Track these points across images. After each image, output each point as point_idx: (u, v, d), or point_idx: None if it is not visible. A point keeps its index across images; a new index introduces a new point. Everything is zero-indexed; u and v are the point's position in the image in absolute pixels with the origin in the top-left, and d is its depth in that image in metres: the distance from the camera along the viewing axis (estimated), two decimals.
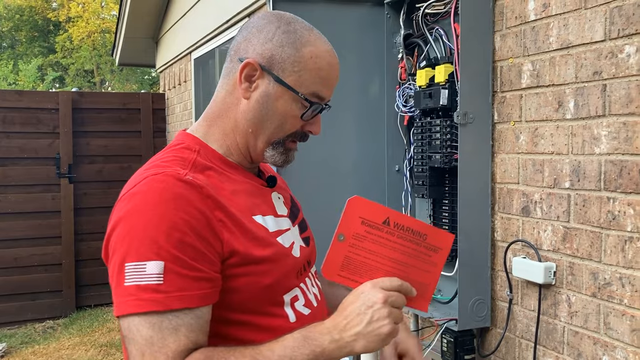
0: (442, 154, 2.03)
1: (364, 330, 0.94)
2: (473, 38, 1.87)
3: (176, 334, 0.91)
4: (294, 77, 1.07)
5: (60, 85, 22.21)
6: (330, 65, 1.11)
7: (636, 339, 1.46)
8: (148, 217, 0.94)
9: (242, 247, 1.00)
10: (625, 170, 1.48)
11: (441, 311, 2.13)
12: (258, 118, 1.09)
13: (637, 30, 1.43)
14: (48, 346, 5.12)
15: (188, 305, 0.92)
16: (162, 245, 0.92)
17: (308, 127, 1.12)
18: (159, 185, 0.97)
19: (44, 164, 5.84)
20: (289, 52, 1.08)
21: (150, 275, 0.91)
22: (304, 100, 1.08)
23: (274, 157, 1.12)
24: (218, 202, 1.00)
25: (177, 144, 1.12)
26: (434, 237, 1.04)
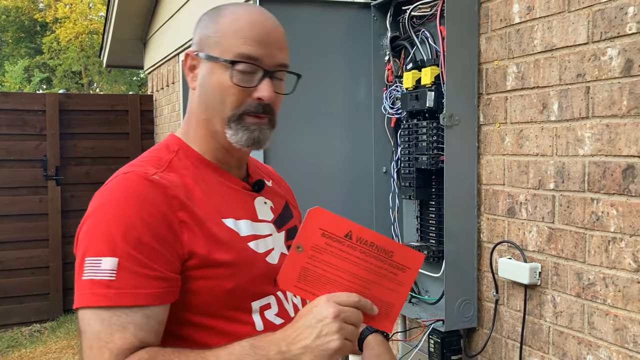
0: (428, 156, 2.04)
1: (311, 344, 0.92)
2: (459, 40, 1.88)
3: (123, 331, 0.92)
4: (218, 47, 1.08)
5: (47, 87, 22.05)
6: (252, 22, 1.09)
7: (619, 339, 1.48)
8: (110, 215, 0.97)
9: (202, 249, 1.00)
10: (608, 171, 1.50)
11: (428, 312, 2.14)
12: (204, 101, 1.11)
13: (619, 33, 1.45)
14: (35, 350, 5.08)
15: (139, 303, 0.93)
16: (118, 243, 0.94)
17: (256, 93, 1.08)
18: (125, 184, 1.00)
19: (30, 166, 5.80)
20: (210, 28, 1.11)
21: (104, 271, 0.93)
22: (229, 64, 1.07)
23: (235, 136, 1.09)
24: (183, 203, 1.01)
25: (160, 144, 1.14)
26: (401, 256, 0.99)
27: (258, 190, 1.20)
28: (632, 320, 1.44)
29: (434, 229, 2.13)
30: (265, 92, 1.08)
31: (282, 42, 1.12)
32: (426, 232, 2.19)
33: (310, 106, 2.25)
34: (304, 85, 2.21)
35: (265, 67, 1.08)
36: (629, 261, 1.45)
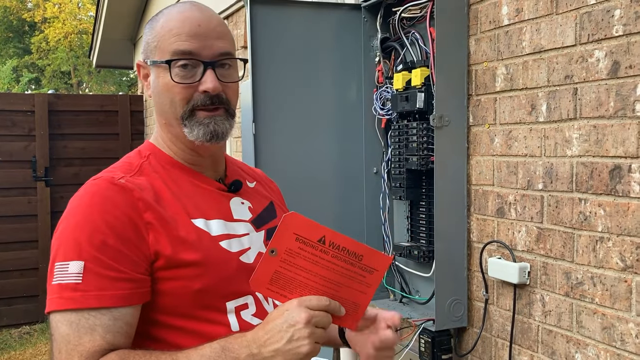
0: (418, 157, 2.05)
1: (283, 348, 0.93)
2: (448, 42, 1.90)
3: (92, 333, 0.93)
4: (157, 51, 1.11)
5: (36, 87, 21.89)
6: (183, 19, 1.09)
7: (607, 337, 1.50)
8: (76, 220, 0.99)
9: (168, 249, 1.01)
10: (595, 172, 1.52)
11: (419, 312, 2.15)
12: (158, 105, 1.14)
13: (605, 35, 1.47)
14: (24, 352, 5.05)
15: (105, 305, 0.95)
16: (84, 246, 0.96)
17: (201, 87, 1.09)
18: (92, 189, 1.03)
19: (19, 167, 5.76)
20: (149, 34, 1.13)
21: (71, 275, 0.95)
22: (166, 65, 1.09)
23: (192, 133, 1.10)
24: (150, 205, 1.03)
25: (133, 151, 1.18)
26: (370, 259, 1.02)
27: (235, 191, 1.20)
28: (620, 318, 1.46)
29: (424, 229, 2.15)
30: (209, 83, 1.09)
31: (219, 33, 1.12)
32: (416, 233, 2.20)
33: (300, 107, 2.26)
34: (295, 86, 2.24)
35: (204, 59, 1.09)
36: (616, 260, 1.47)
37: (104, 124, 6.20)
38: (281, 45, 2.21)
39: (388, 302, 2.32)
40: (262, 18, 2.16)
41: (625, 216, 1.44)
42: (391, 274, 2.32)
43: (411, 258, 2.16)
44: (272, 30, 2.19)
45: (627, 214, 1.44)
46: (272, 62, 2.18)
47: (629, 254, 1.43)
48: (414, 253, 2.13)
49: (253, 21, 2.14)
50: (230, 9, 3.92)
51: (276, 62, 2.19)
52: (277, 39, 2.20)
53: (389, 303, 2.31)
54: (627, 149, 1.43)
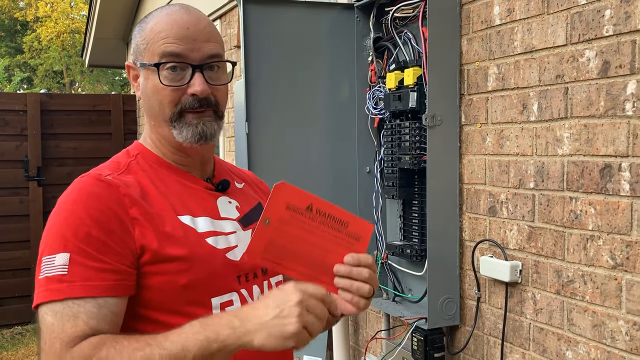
0: (411, 156, 2.06)
1: (269, 322, 0.91)
2: (441, 42, 1.91)
3: (75, 320, 0.94)
4: (147, 53, 1.12)
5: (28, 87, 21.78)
6: (171, 22, 1.10)
7: (597, 334, 1.51)
8: (62, 215, 1.01)
9: (154, 244, 1.03)
10: (586, 170, 1.53)
11: (411, 310, 2.16)
12: (147, 107, 1.15)
13: (596, 35, 1.48)
14: (16, 352, 5.03)
15: (90, 294, 0.96)
16: (69, 239, 0.98)
17: (190, 89, 1.10)
18: (78, 186, 1.05)
19: (11, 166, 5.74)
20: (139, 36, 1.14)
21: (57, 267, 0.96)
22: (153, 67, 1.10)
23: (181, 134, 1.11)
24: (135, 201, 1.04)
25: (122, 151, 1.19)
26: (355, 226, 1.06)
27: (222, 190, 1.21)
28: (610, 316, 1.48)
29: (417, 228, 2.16)
30: (198, 86, 1.10)
31: (208, 34, 1.12)
32: (409, 231, 2.21)
33: (293, 106, 2.26)
34: (288, 85, 2.24)
35: (192, 61, 1.10)
36: (606, 258, 1.48)
37: (97, 123, 6.18)
38: (274, 45, 2.21)
39: (381, 301, 2.33)
40: (255, 17, 2.17)
41: (615, 215, 1.45)
42: (384, 272, 2.33)
43: (404, 257, 2.17)
44: (265, 30, 2.19)
45: (617, 212, 1.45)
46: (265, 61, 2.18)
47: (619, 252, 1.45)
48: (407, 252, 2.14)
49: (246, 20, 2.14)
50: (223, 8, 3.92)
51: (269, 62, 2.19)
52: (270, 39, 2.20)
53: (382, 302, 2.32)
54: (617, 148, 1.44)
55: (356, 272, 1.04)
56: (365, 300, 1.05)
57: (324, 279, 1.04)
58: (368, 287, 1.04)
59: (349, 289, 1.04)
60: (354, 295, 1.04)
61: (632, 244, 1.41)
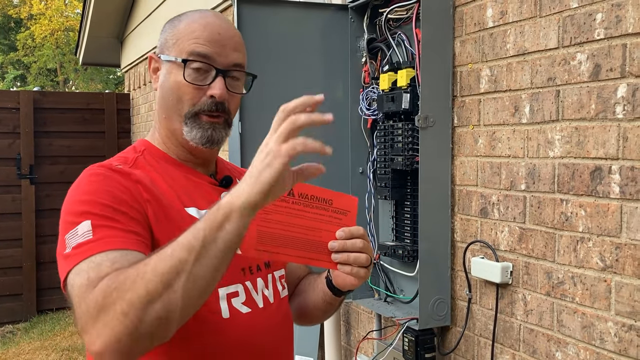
0: (403, 157, 2.07)
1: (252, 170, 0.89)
2: (434, 43, 1.91)
3: (99, 267, 0.91)
4: (174, 48, 1.15)
5: (21, 84, 21.67)
6: (205, 24, 1.14)
7: (587, 336, 1.52)
8: (76, 197, 1.02)
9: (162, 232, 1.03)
10: (577, 173, 1.54)
11: (403, 310, 2.17)
12: (163, 100, 1.17)
13: (587, 38, 1.49)
14: (7, 351, 5.01)
15: (114, 247, 0.94)
16: (88, 210, 0.98)
17: (210, 91, 1.13)
18: (91, 171, 1.07)
19: (3, 164, 5.72)
20: (169, 32, 1.18)
21: (82, 234, 0.95)
22: (180, 64, 1.13)
23: (190, 133, 1.14)
24: (147, 188, 1.07)
25: (128, 147, 1.21)
26: (339, 202, 1.10)
27: (225, 186, 1.24)
28: (599, 317, 1.49)
29: (409, 229, 2.16)
30: (217, 89, 1.13)
31: (236, 44, 1.17)
32: (401, 232, 2.22)
33: None
34: (281, 85, 2.24)
35: (218, 65, 1.14)
36: (596, 260, 1.49)
37: (90, 122, 6.17)
38: (268, 45, 2.21)
39: (372, 301, 2.33)
40: (249, 17, 2.17)
41: (605, 217, 1.46)
42: (376, 273, 2.34)
43: (396, 257, 2.18)
44: (259, 30, 2.19)
45: (607, 214, 1.46)
46: (259, 61, 2.18)
47: (609, 254, 1.46)
48: (399, 252, 2.14)
49: (240, 20, 2.14)
50: (217, 7, 3.92)
51: (263, 61, 2.19)
52: (264, 38, 2.20)
53: (374, 302, 2.32)
54: (607, 150, 1.45)
55: (350, 244, 1.09)
56: (364, 270, 1.11)
57: (322, 257, 1.09)
58: (365, 256, 1.10)
59: (347, 261, 1.09)
60: (352, 267, 1.10)
61: (622, 246, 1.43)
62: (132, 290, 0.84)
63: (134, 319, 0.83)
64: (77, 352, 4.94)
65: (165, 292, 0.84)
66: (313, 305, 1.31)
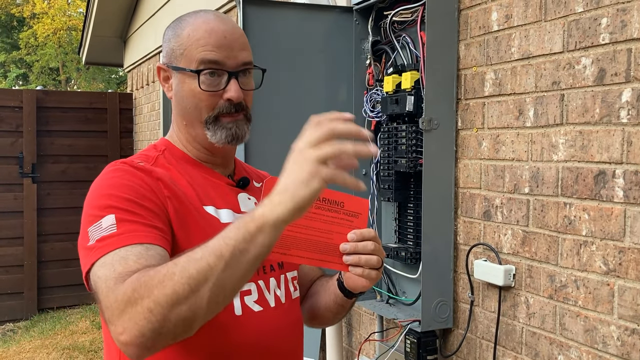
0: (407, 159, 2.07)
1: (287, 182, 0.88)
2: (438, 46, 1.92)
3: (124, 260, 0.94)
4: (183, 58, 1.17)
5: (24, 83, 21.69)
6: (209, 30, 1.16)
7: (589, 339, 1.53)
8: (100, 192, 1.05)
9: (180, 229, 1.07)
10: (581, 176, 1.55)
11: (405, 312, 2.17)
12: (182, 108, 1.20)
13: (592, 43, 1.50)
14: (8, 349, 5.01)
15: (138, 241, 0.97)
16: (112, 204, 1.01)
17: (226, 95, 1.16)
18: (113, 168, 1.10)
19: (6, 163, 5.72)
20: (174, 41, 1.19)
21: (106, 228, 0.99)
22: (193, 73, 1.15)
23: (215, 136, 1.17)
24: (168, 185, 1.10)
25: (149, 146, 1.24)
26: (350, 204, 1.11)
27: (243, 187, 1.27)
28: (602, 321, 1.49)
29: (412, 231, 2.17)
30: (234, 92, 1.16)
31: (241, 43, 1.20)
32: (404, 234, 2.22)
33: (291, 108, 2.27)
34: (285, 87, 2.25)
35: (229, 68, 1.17)
36: (599, 264, 1.49)
37: (93, 121, 6.18)
38: (273, 46, 2.22)
39: (374, 303, 2.34)
40: (254, 18, 2.17)
41: (609, 221, 1.47)
42: None
43: (398, 259, 2.18)
44: (264, 31, 2.20)
45: (611, 218, 1.46)
46: (263, 62, 2.17)
47: (612, 257, 1.46)
48: (401, 254, 2.15)
49: (245, 22, 2.15)
50: (222, 8, 3.92)
51: (267, 63, 2.17)
52: (269, 40, 2.21)
53: (376, 304, 2.33)
54: (611, 154, 1.46)
55: (362, 247, 1.11)
56: (375, 272, 1.13)
57: (333, 259, 1.09)
58: (376, 258, 1.12)
59: (358, 263, 1.11)
60: (364, 268, 1.12)
61: (625, 250, 1.43)
62: (160, 288, 0.86)
63: (159, 317, 0.86)
64: (77, 351, 4.94)
65: (192, 295, 0.86)
66: (325, 307, 1.32)
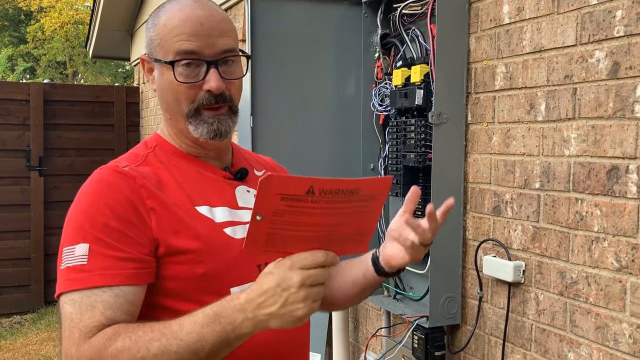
0: (416, 153, 2.05)
1: (277, 312, 0.91)
2: (448, 39, 1.90)
3: (92, 310, 0.95)
4: (160, 49, 1.12)
5: (31, 77, 21.75)
6: (184, 18, 1.09)
7: (600, 336, 1.51)
8: (81, 207, 1.04)
9: (168, 236, 1.04)
10: (593, 172, 1.52)
11: (413, 308, 2.16)
12: (164, 102, 1.16)
13: (606, 36, 1.47)
14: (15, 341, 5.03)
15: (108, 283, 0.97)
16: (87, 229, 1.00)
17: (205, 86, 1.10)
18: (97, 177, 1.07)
19: (13, 156, 5.73)
20: (152, 31, 1.14)
21: (77, 257, 0.98)
22: (168, 64, 1.10)
23: (197, 130, 1.12)
24: (152, 192, 1.06)
25: (141, 142, 1.21)
26: (368, 188, 0.96)
27: (240, 179, 1.21)
28: (613, 318, 1.47)
29: None
30: (213, 82, 1.10)
31: (221, 29, 1.11)
32: None
33: (299, 102, 2.25)
34: (294, 81, 2.23)
35: (207, 58, 1.10)
36: (611, 260, 1.47)
37: (99, 114, 6.18)
38: (281, 39, 2.20)
39: (382, 298, 2.32)
40: (262, 11, 2.16)
41: (622, 217, 1.45)
42: None
43: None
44: (272, 24, 2.18)
45: (624, 214, 1.44)
46: (271, 55, 2.17)
47: (624, 254, 1.44)
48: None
49: (253, 14, 2.13)
50: (229, 1, 3.90)
51: (275, 56, 2.18)
52: (276, 33, 2.19)
53: (383, 299, 2.32)
54: (625, 150, 1.44)
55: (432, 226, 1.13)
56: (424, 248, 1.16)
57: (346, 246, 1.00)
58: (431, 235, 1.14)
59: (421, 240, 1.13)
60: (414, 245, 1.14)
61: (638, 246, 1.41)
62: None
63: None
64: None
65: None
66: (352, 282, 1.26)
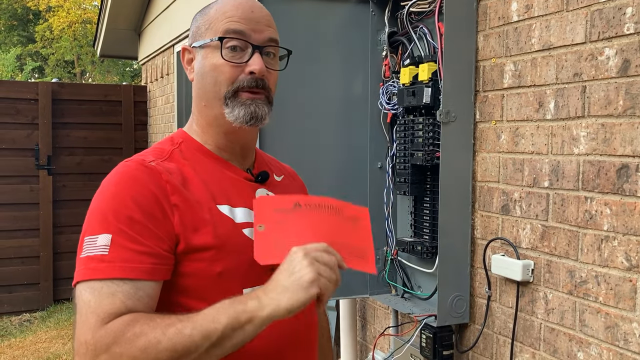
0: (424, 152, 2.04)
1: (287, 283, 0.96)
2: (456, 37, 1.89)
3: (112, 298, 0.96)
4: (208, 33, 1.15)
5: (39, 76, 21.86)
6: (237, 4, 1.15)
7: (610, 336, 1.50)
8: (105, 197, 1.04)
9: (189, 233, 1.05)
10: (602, 170, 1.51)
11: (421, 307, 2.15)
12: (201, 87, 1.16)
13: (616, 33, 1.46)
14: (24, 339, 5.06)
15: (128, 276, 0.98)
16: (111, 220, 1.00)
17: (248, 68, 1.12)
18: (122, 169, 1.07)
19: (22, 155, 5.76)
20: (200, 20, 1.18)
21: (99, 247, 0.99)
22: (216, 45, 1.13)
23: (232, 113, 1.12)
24: (176, 188, 1.06)
25: (166, 137, 1.21)
26: (349, 211, 1.09)
27: (262, 182, 1.22)
28: (623, 318, 1.46)
29: (428, 225, 2.14)
30: (256, 65, 1.12)
31: (268, 20, 1.18)
32: (420, 228, 2.20)
33: (306, 100, 2.25)
34: (301, 79, 2.23)
35: (254, 42, 1.13)
36: (621, 260, 1.46)
37: (107, 113, 6.20)
38: (288, 38, 2.18)
39: (389, 297, 2.32)
40: (270, 10, 2.15)
41: (632, 216, 1.44)
42: (393, 269, 2.32)
43: (414, 253, 2.16)
44: (279, 23, 2.15)
45: (634, 213, 1.43)
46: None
47: (635, 253, 1.43)
48: (417, 248, 2.13)
49: None
50: None
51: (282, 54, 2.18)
52: (284, 31, 2.16)
53: (391, 298, 2.31)
54: (635, 148, 1.42)
55: None
56: None
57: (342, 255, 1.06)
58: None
59: None
60: None
61: None
62: (142, 354, 0.91)
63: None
64: None
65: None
66: None
